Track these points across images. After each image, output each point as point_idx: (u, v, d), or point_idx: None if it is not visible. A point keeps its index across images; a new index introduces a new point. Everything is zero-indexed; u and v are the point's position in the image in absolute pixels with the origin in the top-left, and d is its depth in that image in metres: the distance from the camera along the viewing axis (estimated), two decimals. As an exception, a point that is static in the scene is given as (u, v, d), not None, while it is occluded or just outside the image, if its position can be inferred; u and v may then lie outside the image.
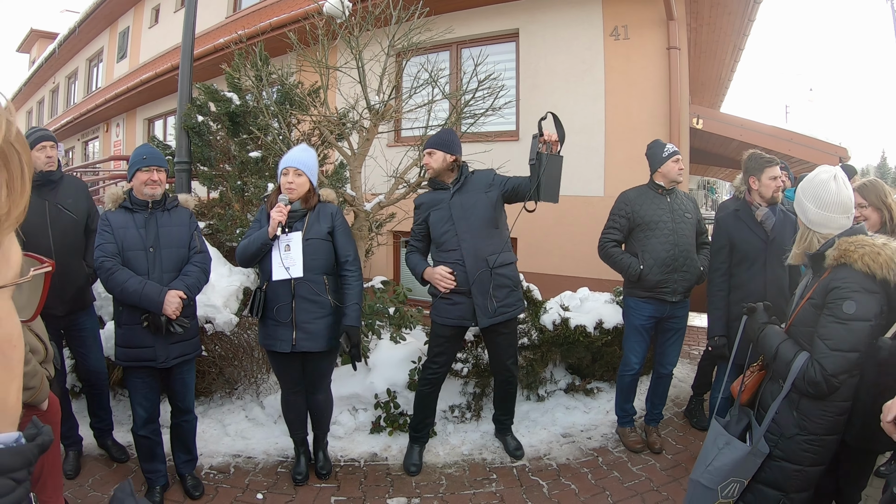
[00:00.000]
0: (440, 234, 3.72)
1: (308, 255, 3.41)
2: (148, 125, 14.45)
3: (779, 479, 2.31)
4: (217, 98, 5.46)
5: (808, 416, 2.24)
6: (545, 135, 3.30)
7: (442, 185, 3.79)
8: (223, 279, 4.64)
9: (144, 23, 15.11)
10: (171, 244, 3.32)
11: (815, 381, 2.14)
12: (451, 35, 5.89)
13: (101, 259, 3.15)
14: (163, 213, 3.34)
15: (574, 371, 5.02)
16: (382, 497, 3.57)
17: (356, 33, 4.68)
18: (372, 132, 4.74)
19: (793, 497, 2.31)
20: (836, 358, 2.10)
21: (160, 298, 3.12)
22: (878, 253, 2.09)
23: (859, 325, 2.09)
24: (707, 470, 2.42)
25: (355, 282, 3.54)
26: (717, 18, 7.79)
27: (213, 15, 11.68)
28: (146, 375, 3.31)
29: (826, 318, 2.17)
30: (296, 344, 3.42)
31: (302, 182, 3.46)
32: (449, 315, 3.71)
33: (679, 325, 4.14)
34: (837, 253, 2.18)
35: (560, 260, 6.69)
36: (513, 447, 4.10)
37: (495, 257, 3.63)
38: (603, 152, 6.56)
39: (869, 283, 2.10)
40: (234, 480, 3.72)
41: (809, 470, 2.27)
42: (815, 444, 2.23)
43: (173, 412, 3.52)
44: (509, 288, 3.73)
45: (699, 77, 10.72)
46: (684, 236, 3.95)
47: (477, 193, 3.70)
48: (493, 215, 3.68)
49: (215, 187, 5.71)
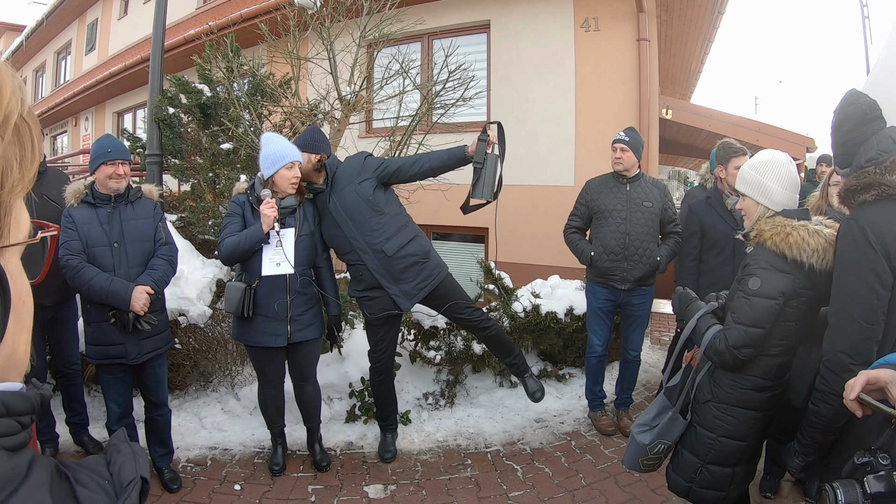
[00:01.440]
0: (331, 239, 3.59)
1: (300, 250, 3.41)
2: (117, 118, 14.22)
3: (694, 446, 2.41)
4: (188, 90, 5.41)
5: (719, 385, 2.34)
6: (490, 137, 3.33)
7: (317, 189, 3.58)
8: (196, 271, 4.61)
9: (114, 14, 14.84)
10: (136, 238, 3.24)
11: (719, 350, 2.24)
12: (423, 26, 5.91)
13: (67, 257, 3.05)
14: (126, 206, 3.24)
15: (546, 357, 5.10)
16: (359, 485, 3.59)
17: (327, 24, 4.68)
18: (343, 123, 4.75)
19: (710, 468, 2.38)
20: (738, 331, 2.20)
21: (127, 295, 3.05)
22: (787, 234, 2.16)
23: (761, 301, 2.17)
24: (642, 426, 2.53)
25: (331, 273, 3.60)
26: (687, 11, 7.88)
27: (183, 6, 11.50)
28: (118, 371, 3.26)
29: (737, 293, 2.27)
30: (291, 336, 3.42)
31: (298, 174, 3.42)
32: (373, 310, 3.64)
33: (638, 312, 4.19)
34: (755, 233, 2.28)
35: (531, 249, 6.77)
36: (532, 389, 3.89)
37: (391, 244, 3.49)
38: (573, 142, 6.64)
39: (778, 262, 2.17)
40: (212, 472, 3.71)
41: (723, 441, 2.34)
42: (727, 414, 2.32)
43: (147, 407, 3.48)
44: (419, 263, 3.56)
45: (670, 69, 10.84)
46: (638, 225, 3.97)
47: (351, 187, 3.50)
48: (375, 203, 3.49)
49: (187, 179, 5.67)
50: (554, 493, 3.53)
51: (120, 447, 0.78)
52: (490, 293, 4.80)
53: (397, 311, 3.65)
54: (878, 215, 1.97)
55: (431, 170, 3.53)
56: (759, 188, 2.36)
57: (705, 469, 2.39)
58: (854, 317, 1.97)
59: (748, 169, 2.43)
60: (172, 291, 4.23)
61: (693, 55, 10.05)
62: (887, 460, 1.36)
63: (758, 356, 2.25)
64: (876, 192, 1.98)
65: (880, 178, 1.98)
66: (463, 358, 4.49)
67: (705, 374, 2.40)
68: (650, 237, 4.01)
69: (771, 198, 2.33)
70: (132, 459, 0.76)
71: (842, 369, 1.97)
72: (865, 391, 1.46)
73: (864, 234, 1.96)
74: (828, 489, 1.40)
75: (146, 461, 0.80)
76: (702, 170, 4.57)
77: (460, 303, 3.72)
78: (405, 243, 3.52)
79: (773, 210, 2.33)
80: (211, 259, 4.81)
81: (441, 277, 3.65)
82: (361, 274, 3.55)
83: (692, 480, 2.44)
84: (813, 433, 2.09)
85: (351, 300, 4.72)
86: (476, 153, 3.34)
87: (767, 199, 2.34)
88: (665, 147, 11.39)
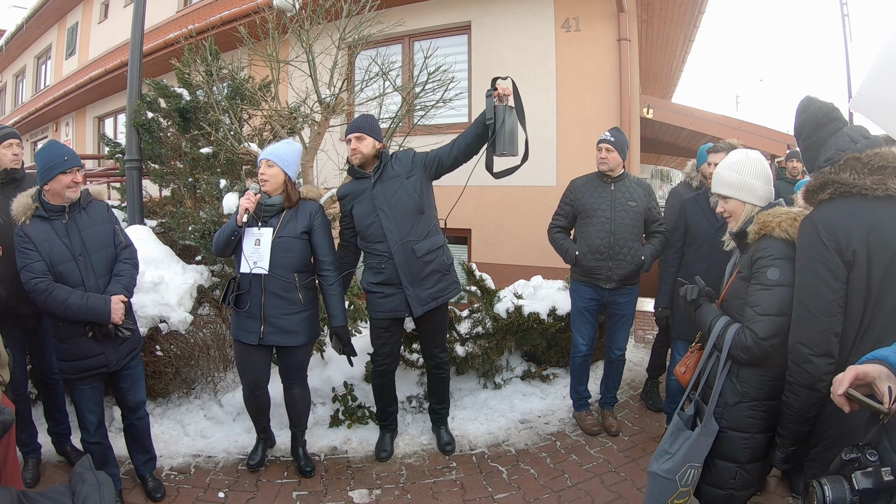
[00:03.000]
0: (365, 226, 3.61)
1: (278, 252, 3.38)
2: (98, 123, 14.10)
3: (730, 450, 2.37)
4: (167, 94, 5.35)
5: (747, 383, 2.32)
6: (500, 90, 3.28)
7: (362, 174, 3.65)
8: (177, 277, 4.56)
9: (94, 18, 14.74)
10: (98, 247, 3.15)
11: (747, 346, 2.23)
12: (403, 28, 5.89)
13: (34, 281, 2.90)
14: (80, 213, 3.13)
15: (530, 358, 5.10)
16: (344, 490, 3.57)
17: (307, 27, 4.66)
18: (323, 126, 4.72)
19: (747, 467, 2.36)
20: (765, 322, 2.20)
21: (107, 309, 3.00)
22: (794, 219, 2.21)
23: (783, 290, 2.19)
24: (662, 456, 2.46)
25: (334, 282, 3.54)
26: (667, 11, 7.95)
27: (163, 9, 11.45)
28: (95, 381, 3.19)
29: (753, 287, 2.27)
30: (263, 337, 3.40)
31: (273, 173, 3.41)
32: (382, 308, 3.68)
33: (623, 311, 4.21)
34: (758, 227, 2.28)
35: (514, 249, 6.79)
36: (444, 441, 4.06)
37: (423, 244, 3.58)
38: (555, 142, 6.67)
39: (789, 249, 2.20)
40: (196, 480, 3.68)
41: (757, 437, 2.34)
42: (759, 410, 2.31)
43: (125, 413, 3.41)
44: (440, 273, 3.68)
45: (651, 68, 10.93)
46: (622, 225, 3.99)
47: (399, 180, 3.59)
48: (419, 201, 3.58)
49: (167, 185, 5.60)
50: (539, 493, 3.53)
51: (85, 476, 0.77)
52: (473, 295, 4.79)
53: (405, 314, 3.68)
54: (831, 212, 2.04)
55: (468, 146, 3.53)
56: (743, 188, 2.41)
57: (743, 470, 2.37)
58: (810, 310, 2.04)
59: (726, 171, 2.46)
60: (152, 298, 4.20)
61: (674, 54, 10.13)
62: (875, 456, 1.37)
63: (782, 344, 2.25)
64: (830, 190, 2.06)
65: (834, 177, 2.05)
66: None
67: (726, 378, 2.37)
68: (635, 236, 4.03)
69: (756, 194, 2.40)
70: (97, 490, 0.75)
71: (801, 360, 2.05)
72: (853, 386, 1.47)
73: (817, 231, 2.03)
74: (815, 485, 1.40)
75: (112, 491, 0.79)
76: (687, 167, 4.60)
77: (441, 336, 3.93)
78: (435, 248, 3.64)
79: (759, 206, 2.39)
80: (191, 265, 4.77)
81: (454, 295, 3.79)
82: (385, 267, 3.58)
83: (732, 486, 2.39)
84: (788, 424, 2.15)
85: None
86: (486, 109, 3.32)
87: (753, 196, 2.41)
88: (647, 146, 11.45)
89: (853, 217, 2.01)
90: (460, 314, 4.70)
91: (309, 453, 3.89)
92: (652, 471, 2.47)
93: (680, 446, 2.41)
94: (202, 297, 4.67)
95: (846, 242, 1.98)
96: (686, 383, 2.65)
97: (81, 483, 0.74)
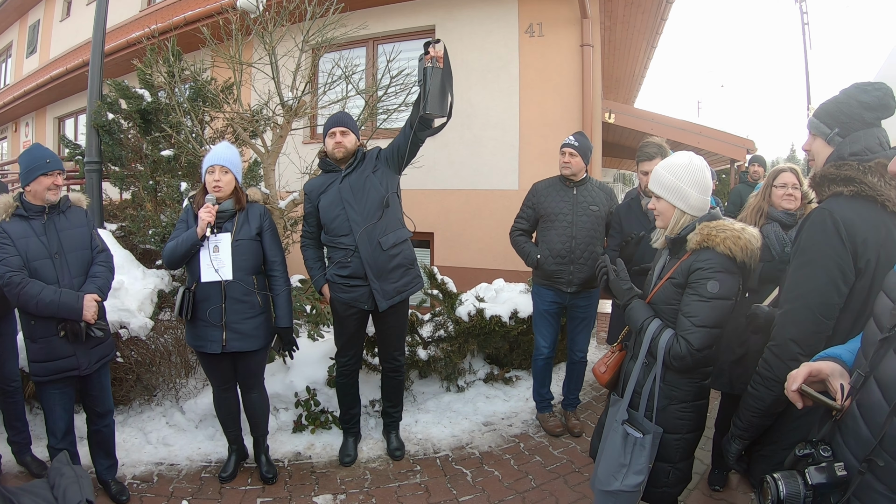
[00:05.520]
0: (331, 218, 3.62)
1: (238, 256, 3.36)
2: (58, 124, 13.80)
3: (664, 452, 2.41)
4: (128, 95, 5.28)
5: (676, 386, 2.37)
6: (432, 52, 3.28)
7: (333, 168, 3.70)
8: (137, 282, 4.51)
9: (56, 16, 14.43)
10: (74, 248, 3.19)
11: (681, 355, 2.26)
12: (367, 31, 5.89)
13: (9, 274, 2.95)
14: (59, 216, 3.20)
15: (492, 361, 5.14)
16: (308, 495, 3.56)
17: (270, 28, 4.63)
18: (285, 129, 4.69)
19: (679, 466, 2.43)
20: (702, 333, 2.23)
21: (79, 305, 3.02)
22: (738, 237, 2.23)
23: (722, 303, 2.23)
24: (618, 470, 2.43)
25: (284, 283, 3.54)
26: (630, 17, 8.06)
27: (126, 8, 11.23)
28: (65, 385, 3.19)
29: (690, 297, 2.28)
30: (226, 345, 3.38)
31: (228, 180, 3.40)
32: (344, 293, 3.67)
33: (584, 314, 4.27)
34: (700, 237, 2.28)
35: (476, 253, 6.83)
36: (393, 447, 4.05)
37: (389, 238, 3.60)
38: (517, 146, 6.73)
39: (730, 264, 2.23)
40: (159, 489, 3.62)
41: (688, 437, 2.41)
42: (689, 411, 2.38)
43: (91, 419, 3.41)
44: (405, 267, 3.71)
45: (613, 73, 11.08)
46: (584, 229, 4.04)
47: (365, 174, 3.62)
48: (385, 194, 3.60)
49: (127, 188, 5.53)
50: (504, 495, 3.55)
51: (63, 470, 0.77)
52: (435, 298, 4.81)
53: (366, 307, 3.67)
54: (852, 212, 1.92)
55: (410, 124, 3.52)
56: (677, 192, 2.37)
57: (676, 469, 2.42)
58: (811, 308, 1.94)
59: (664, 172, 2.42)
60: (112, 303, 4.12)
61: (636, 60, 10.28)
62: (828, 452, 1.39)
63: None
64: (855, 188, 1.94)
65: (862, 177, 1.93)
66: (409, 364, 4.48)
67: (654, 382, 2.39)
68: (596, 240, 4.08)
69: (688, 203, 2.36)
70: (76, 482, 0.76)
71: (788, 357, 1.96)
72: (807, 383, 1.48)
73: (837, 227, 1.91)
74: (769, 481, 1.41)
75: (90, 484, 0.79)
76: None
77: (401, 339, 3.94)
78: (400, 242, 3.65)
79: (689, 214, 2.37)
80: (152, 269, 4.71)
81: (417, 289, 3.81)
82: (350, 261, 3.58)
83: (666, 484, 2.44)
84: (751, 417, 2.09)
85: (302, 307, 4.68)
86: (417, 72, 3.34)
87: (685, 203, 2.36)
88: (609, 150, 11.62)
89: (873, 225, 1.91)
90: (422, 318, 4.70)
91: (272, 459, 3.87)
92: (614, 489, 2.41)
93: (632, 455, 2.40)
94: (163, 302, 4.60)
95: (863, 249, 1.89)
96: (604, 382, 2.69)
97: (60, 476, 0.75)
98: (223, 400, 3.66)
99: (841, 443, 1.40)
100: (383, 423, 4.19)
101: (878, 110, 2.01)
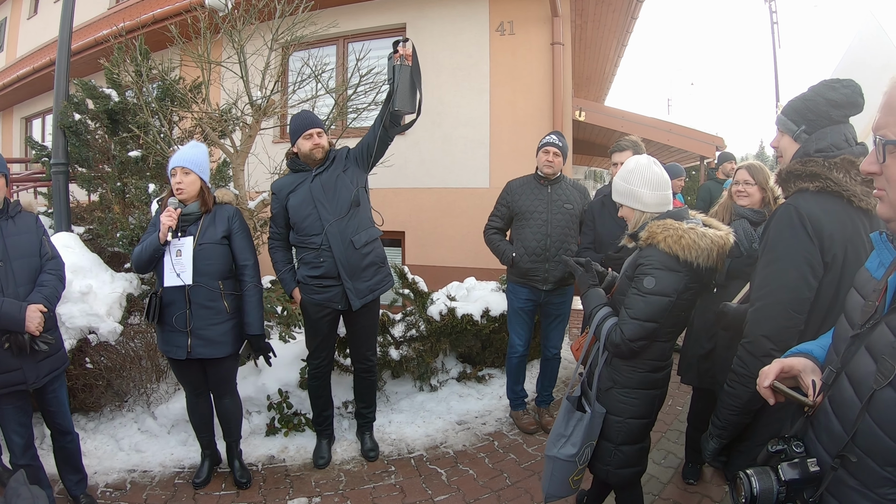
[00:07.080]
0: (302, 217, 3.59)
1: (200, 260, 3.29)
2: (25, 124, 13.49)
3: (606, 431, 2.55)
4: (95, 95, 5.18)
5: (619, 372, 2.50)
6: (401, 50, 3.30)
7: (303, 168, 3.68)
8: (105, 286, 4.43)
9: (23, 13, 14.09)
10: (21, 255, 3.03)
11: (616, 343, 2.40)
12: (337, 29, 5.88)
13: None
14: (6, 221, 3.04)
15: (465, 359, 5.16)
16: (283, 499, 3.54)
17: (239, 27, 4.59)
18: (254, 129, 4.66)
19: (623, 449, 2.54)
20: (634, 325, 2.35)
21: (21, 315, 2.87)
22: (680, 236, 2.30)
23: (656, 299, 2.32)
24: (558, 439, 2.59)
25: (254, 288, 3.46)
26: (601, 16, 8.12)
27: (94, 6, 11.01)
28: (17, 400, 3.04)
29: (631, 290, 2.41)
30: (191, 351, 3.32)
31: (191, 181, 3.32)
32: (317, 294, 3.66)
33: (558, 311, 4.31)
34: (646, 234, 2.39)
35: (448, 251, 6.84)
36: (367, 447, 4.04)
37: (361, 236, 3.60)
38: (488, 145, 6.76)
39: (671, 262, 2.31)
40: (132, 496, 3.56)
41: (630, 422, 2.51)
42: (630, 397, 2.49)
43: (53, 435, 3.30)
44: (377, 265, 3.72)
45: (584, 71, 11.14)
46: (559, 227, 4.08)
47: (336, 173, 3.62)
48: (355, 193, 3.60)
49: (94, 189, 5.43)
50: (479, 494, 3.57)
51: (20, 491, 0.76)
52: (406, 298, 4.81)
53: (339, 307, 3.66)
54: (817, 207, 1.95)
55: (380, 119, 3.52)
56: (631, 196, 2.51)
57: (618, 451, 2.53)
58: (783, 303, 1.97)
59: (618, 180, 2.57)
60: (81, 308, 4.06)
61: (607, 59, 10.34)
62: (801, 447, 1.41)
63: (652, 343, 2.41)
64: (820, 184, 1.97)
65: (827, 173, 1.96)
66: (381, 364, 4.48)
67: (603, 364, 2.53)
68: (570, 238, 4.13)
69: (643, 202, 2.49)
70: None
71: (762, 353, 1.97)
72: (779, 379, 1.49)
73: (803, 222, 1.94)
74: (742, 477, 1.43)
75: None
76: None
77: (373, 339, 3.95)
78: (371, 240, 3.66)
79: (649, 212, 2.48)
80: (120, 273, 4.63)
81: (389, 287, 3.82)
82: (323, 261, 3.57)
83: (609, 463, 2.56)
84: (729, 415, 2.11)
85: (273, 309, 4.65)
86: (387, 70, 3.36)
87: (640, 203, 2.49)
88: (579, 147, 11.70)
89: (838, 221, 1.94)
90: (394, 317, 4.69)
91: (246, 463, 3.84)
92: (552, 455, 2.58)
93: (574, 428, 2.56)
94: (132, 306, 4.53)
95: (829, 244, 1.92)
96: (579, 360, 2.79)
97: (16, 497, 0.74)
98: (196, 406, 3.61)
99: (813, 438, 1.42)
100: (357, 424, 4.19)
101: (846, 107, 2.05)
